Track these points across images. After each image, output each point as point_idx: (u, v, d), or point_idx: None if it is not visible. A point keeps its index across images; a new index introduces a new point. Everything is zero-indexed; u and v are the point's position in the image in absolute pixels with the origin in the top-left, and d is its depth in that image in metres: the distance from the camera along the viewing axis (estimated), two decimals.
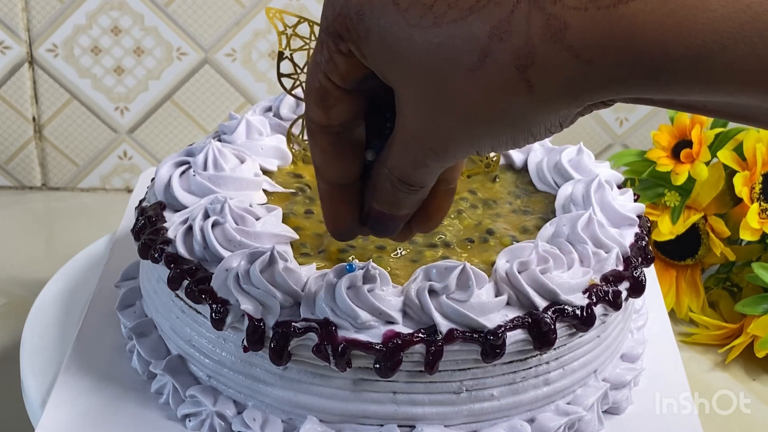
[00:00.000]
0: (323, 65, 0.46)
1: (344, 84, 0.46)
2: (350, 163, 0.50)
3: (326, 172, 0.50)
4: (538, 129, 0.42)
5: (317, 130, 0.48)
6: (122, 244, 0.78)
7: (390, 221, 0.50)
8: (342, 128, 0.48)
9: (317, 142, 0.49)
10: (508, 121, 0.42)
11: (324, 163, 0.50)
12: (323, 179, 0.51)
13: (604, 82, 0.39)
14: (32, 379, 0.66)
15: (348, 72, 0.46)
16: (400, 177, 0.47)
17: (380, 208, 0.50)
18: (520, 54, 0.39)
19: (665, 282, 0.87)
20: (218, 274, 0.59)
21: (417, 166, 0.46)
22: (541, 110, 0.41)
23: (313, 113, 0.48)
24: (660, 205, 0.88)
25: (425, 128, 0.44)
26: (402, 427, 0.59)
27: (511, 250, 0.61)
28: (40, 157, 1.09)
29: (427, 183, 0.48)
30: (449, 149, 0.44)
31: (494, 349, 0.57)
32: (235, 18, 1.04)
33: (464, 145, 0.44)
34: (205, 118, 1.08)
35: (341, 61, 0.45)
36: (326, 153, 0.49)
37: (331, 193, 0.51)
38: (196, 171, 0.67)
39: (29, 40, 1.03)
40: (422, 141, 0.44)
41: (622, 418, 0.65)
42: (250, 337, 0.57)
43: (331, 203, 0.52)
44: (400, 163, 0.47)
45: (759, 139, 0.84)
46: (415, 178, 0.47)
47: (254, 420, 0.60)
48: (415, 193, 0.48)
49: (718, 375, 0.81)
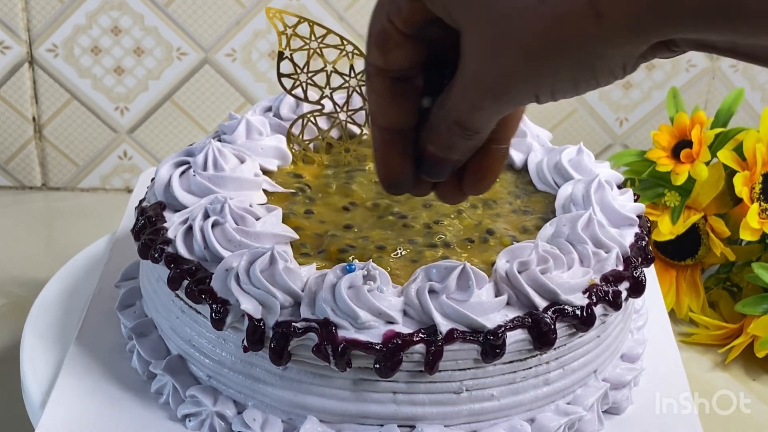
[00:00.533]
0: (387, 7, 0.47)
1: (406, 28, 0.47)
2: (405, 110, 0.50)
3: (380, 117, 0.51)
4: (602, 68, 0.42)
5: (374, 73, 0.49)
6: (122, 244, 0.78)
7: (443, 165, 0.51)
8: (399, 74, 0.49)
9: (373, 86, 0.50)
10: (572, 56, 0.42)
11: (378, 107, 0.50)
12: (376, 124, 0.51)
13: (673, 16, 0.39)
14: (32, 379, 0.66)
15: (411, 15, 0.46)
16: (456, 120, 0.47)
17: (434, 151, 0.50)
18: None
19: (665, 282, 0.87)
20: (218, 274, 0.59)
21: (474, 108, 0.46)
22: (607, 43, 0.41)
23: (372, 56, 0.48)
24: (660, 205, 0.88)
25: (487, 68, 0.44)
26: (402, 427, 0.59)
27: (511, 250, 0.61)
28: (40, 157, 1.09)
29: (482, 128, 0.48)
30: (509, 90, 0.44)
31: (494, 349, 0.57)
32: (235, 18, 1.04)
33: (525, 86, 0.44)
34: (205, 118, 1.08)
35: (405, 4, 0.46)
36: (381, 97, 0.50)
37: (383, 139, 0.51)
38: (196, 171, 0.67)
39: (29, 40, 1.03)
40: (482, 82, 0.44)
41: (622, 418, 0.65)
42: (250, 337, 0.57)
43: (383, 150, 0.52)
44: (457, 106, 0.47)
45: (759, 139, 0.84)
46: (472, 121, 0.47)
47: (254, 420, 0.60)
48: (470, 138, 0.48)
49: (718, 375, 0.81)
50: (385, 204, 0.69)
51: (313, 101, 0.74)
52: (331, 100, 0.74)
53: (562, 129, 1.09)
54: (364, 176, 0.72)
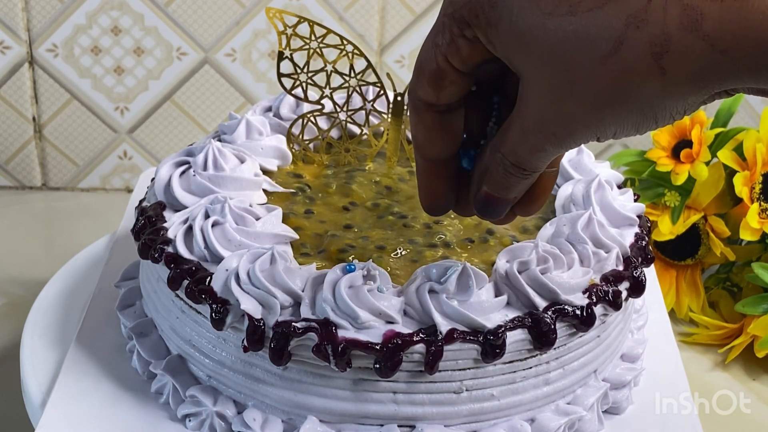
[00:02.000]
0: (444, 48, 0.48)
1: (463, 68, 0.48)
2: (451, 141, 0.52)
3: (427, 149, 0.52)
4: (664, 115, 0.44)
5: (424, 108, 0.50)
6: (122, 244, 0.78)
7: (499, 204, 0.52)
8: (448, 107, 0.50)
9: (422, 119, 0.51)
10: (636, 107, 0.44)
11: (426, 140, 0.52)
12: (423, 156, 0.53)
13: (736, 72, 0.41)
14: (32, 379, 0.66)
15: (470, 56, 0.48)
16: (514, 162, 0.49)
17: (490, 191, 0.51)
18: (656, 42, 0.41)
19: (665, 282, 0.87)
20: (218, 274, 0.59)
21: (534, 151, 0.48)
22: (671, 97, 0.43)
23: (423, 92, 0.50)
24: (660, 205, 0.88)
25: (550, 114, 0.45)
26: (402, 427, 0.59)
27: (511, 250, 0.61)
28: (40, 157, 1.09)
29: (540, 168, 0.49)
30: (573, 135, 0.46)
31: (494, 349, 0.57)
32: (235, 18, 1.04)
33: (589, 130, 0.45)
34: (205, 118, 1.08)
35: (464, 45, 0.47)
36: (430, 130, 0.51)
37: (429, 169, 0.53)
38: (196, 171, 0.67)
39: (29, 40, 1.03)
40: (545, 126, 0.46)
41: (622, 418, 0.65)
42: (250, 337, 0.57)
43: (428, 178, 0.54)
44: (516, 148, 0.48)
45: (759, 139, 0.84)
46: (530, 162, 0.49)
47: (254, 420, 0.60)
48: (527, 177, 0.50)
49: (718, 375, 0.81)
50: (385, 204, 0.69)
51: (313, 101, 0.74)
52: (331, 100, 0.74)
53: None
54: (364, 176, 0.72)
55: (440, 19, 0.48)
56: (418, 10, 1.04)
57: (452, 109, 0.51)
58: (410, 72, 1.11)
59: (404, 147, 0.74)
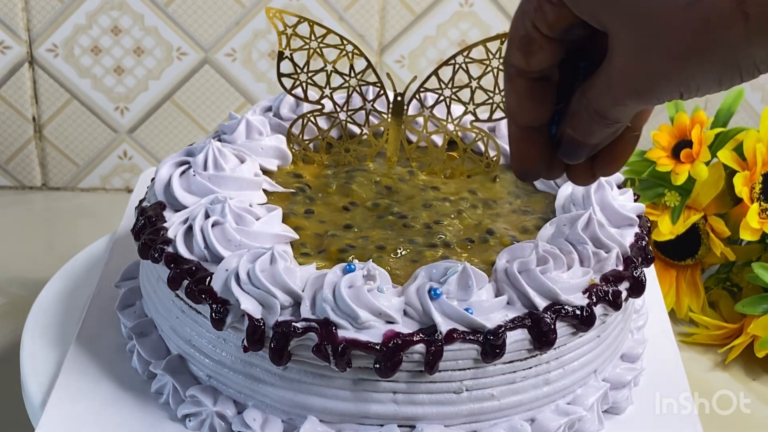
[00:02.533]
0: (531, 14, 0.49)
1: (550, 32, 0.49)
2: (543, 107, 0.53)
3: (520, 115, 0.53)
4: (747, 65, 0.44)
5: (516, 74, 0.51)
6: (122, 244, 0.78)
7: (580, 148, 0.53)
8: (540, 74, 0.51)
9: (514, 86, 0.52)
10: (719, 56, 0.44)
11: (518, 107, 0.53)
12: (515, 122, 0.54)
13: None
14: (32, 379, 0.66)
15: (556, 21, 0.48)
16: (597, 110, 0.50)
17: (573, 135, 0.52)
18: None
19: (665, 282, 0.87)
20: (218, 274, 0.59)
21: (617, 103, 0.49)
22: (754, 43, 0.43)
23: (514, 58, 0.51)
24: (660, 205, 0.88)
25: (634, 68, 0.46)
26: (402, 427, 0.59)
27: (511, 250, 0.61)
28: (40, 157, 1.09)
29: (622, 120, 0.51)
30: (655, 89, 0.46)
31: (494, 349, 0.57)
32: (235, 18, 1.04)
33: (672, 84, 0.46)
34: (205, 118, 1.08)
35: (550, 10, 0.48)
36: (522, 97, 0.52)
37: (521, 135, 0.54)
38: (196, 171, 0.67)
39: (29, 40, 1.03)
40: (628, 80, 0.47)
41: (622, 418, 0.65)
42: (250, 337, 0.57)
43: (521, 145, 0.54)
44: (600, 98, 0.49)
45: (759, 139, 0.84)
46: (613, 113, 0.50)
47: (254, 420, 0.60)
48: (609, 127, 0.51)
49: (718, 375, 0.81)
50: (385, 204, 0.69)
51: (313, 101, 0.74)
52: (331, 100, 0.74)
53: None
54: (364, 176, 0.72)
55: None
56: (418, 10, 1.04)
57: (544, 77, 0.51)
58: (410, 72, 1.11)
59: (404, 147, 0.74)
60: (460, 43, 1.05)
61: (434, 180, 0.73)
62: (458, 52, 0.71)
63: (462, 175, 0.73)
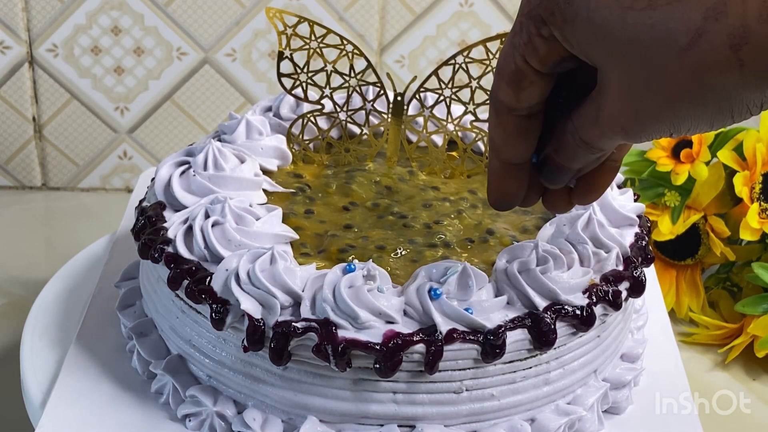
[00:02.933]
0: (521, 48, 0.48)
1: (542, 67, 0.49)
2: (528, 144, 0.53)
3: (504, 151, 0.53)
4: (740, 109, 0.44)
5: (504, 111, 0.51)
6: (122, 244, 0.78)
7: (563, 173, 0.53)
8: (528, 111, 0.51)
9: (501, 122, 0.52)
10: (713, 100, 0.44)
11: (504, 143, 0.53)
12: (498, 158, 0.54)
13: None
14: (32, 379, 0.66)
15: (547, 55, 0.48)
16: (583, 139, 0.50)
17: (557, 159, 0.52)
18: (735, 33, 0.41)
19: (665, 282, 0.87)
20: (218, 274, 0.59)
21: (603, 137, 0.49)
22: (749, 89, 0.43)
23: (503, 94, 0.50)
24: (660, 205, 0.88)
25: (624, 108, 0.46)
26: (402, 427, 0.59)
27: (511, 250, 0.61)
28: (40, 157, 1.09)
29: (607, 149, 0.51)
30: (644, 129, 0.46)
31: (494, 349, 0.57)
32: (235, 18, 1.04)
33: (663, 125, 0.46)
34: (205, 118, 1.08)
35: (541, 44, 0.48)
36: (509, 135, 0.52)
37: (503, 170, 0.54)
38: (196, 171, 0.67)
39: (29, 40, 1.03)
40: (617, 120, 0.47)
41: (622, 418, 0.65)
42: (250, 337, 0.57)
43: (501, 179, 0.54)
44: (587, 129, 0.49)
45: (759, 139, 0.84)
46: (598, 144, 0.50)
47: (254, 420, 0.60)
48: (593, 154, 0.51)
49: (718, 375, 0.81)
50: (385, 204, 0.69)
51: (313, 101, 0.74)
52: (331, 100, 0.74)
53: None
54: (364, 176, 0.72)
55: (518, 19, 0.48)
56: (418, 10, 1.04)
57: (531, 115, 0.51)
58: (410, 72, 1.11)
59: (404, 147, 0.74)
60: (460, 43, 1.05)
61: (434, 180, 0.73)
62: (458, 52, 0.71)
63: (462, 175, 0.73)
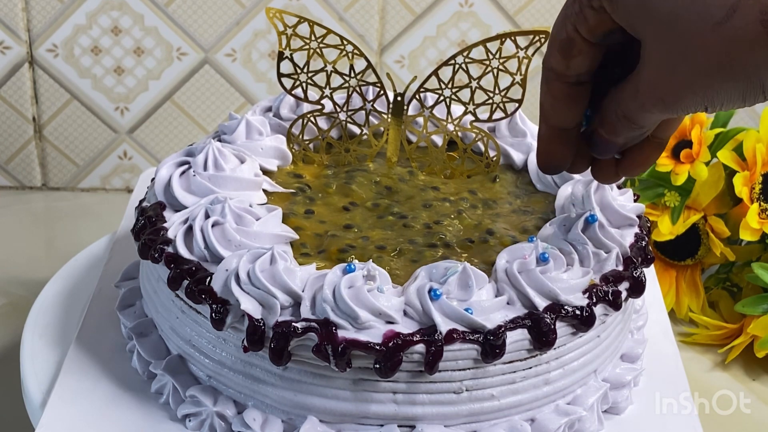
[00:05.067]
0: (573, 18, 0.52)
1: (591, 37, 0.52)
2: (576, 111, 0.56)
3: (553, 117, 0.56)
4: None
5: (554, 77, 0.55)
6: (122, 244, 0.78)
7: (608, 146, 0.56)
8: (576, 79, 0.54)
9: (551, 89, 0.55)
10: (743, 75, 0.46)
11: (552, 109, 0.56)
12: (547, 123, 0.57)
13: None
14: (32, 379, 0.66)
15: (596, 26, 0.51)
16: (625, 114, 0.53)
17: (602, 133, 0.56)
18: (766, 10, 0.44)
19: (665, 282, 0.87)
20: (218, 274, 0.59)
21: (642, 110, 0.52)
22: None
23: (554, 61, 0.54)
24: (660, 205, 0.88)
25: (662, 79, 0.49)
26: (402, 427, 0.59)
27: (511, 250, 0.61)
28: (40, 157, 1.09)
29: (646, 125, 0.54)
30: (680, 101, 0.49)
31: (494, 349, 0.57)
32: (235, 18, 1.04)
33: (697, 97, 0.48)
34: (205, 118, 1.08)
35: (591, 15, 0.51)
36: (557, 100, 0.56)
37: (550, 135, 0.57)
38: (196, 171, 0.67)
39: (29, 40, 1.03)
40: (655, 90, 0.50)
41: (622, 418, 0.65)
42: (250, 337, 0.57)
43: (549, 144, 0.58)
44: (628, 103, 0.52)
45: (759, 139, 0.84)
46: (638, 119, 0.53)
47: (254, 420, 0.60)
48: (634, 130, 0.54)
49: (718, 375, 0.81)
50: (385, 204, 0.69)
51: (313, 101, 0.74)
52: (331, 100, 0.74)
53: None
54: (364, 176, 0.72)
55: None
56: (418, 10, 1.04)
57: (580, 83, 0.54)
58: (410, 72, 1.11)
59: (404, 147, 0.74)
60: (460, 43, 1.05)
61: (434, 180, 0.73)
62: (458, 52, 0.71)
63: (462, 175, 0.73)
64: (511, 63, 0.70)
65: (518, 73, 0.70)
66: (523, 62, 0.69)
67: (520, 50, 0.69)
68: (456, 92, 0.72)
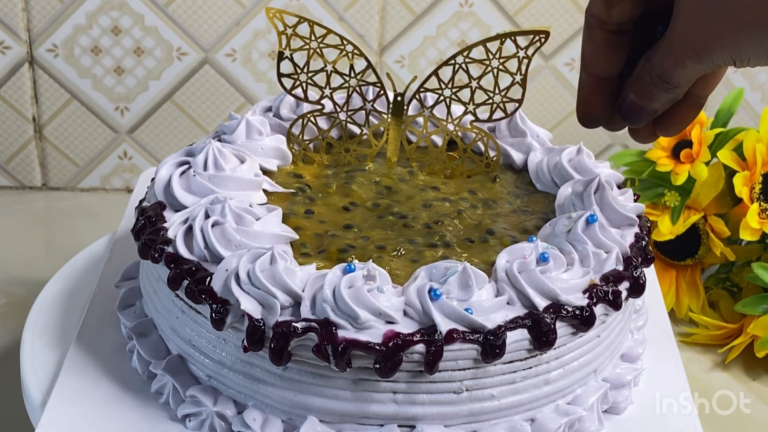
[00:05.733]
0: None
1: None
2: (615, 60, 0.57)
3: (593, 64, 0.58)
4: None
5: (596, 24, 0.56)
6: (122, 244, 0.78)
7: (641, 112, 0.57)
8: (618, 27, 0.56)
9: (592, 36, 0.57)
10: None
11: (593, 56, 0.58)
12: (587, 71, 0.58)
13: None
14: (32, 379, 0.66)
15: None
16: (660, 73, 0.54)
17: (636, 99, 0.57)
18: None
19: (665, 282, 0.87)
20: (218, 274, 0.59)
21: (677, 65, 0.53)
22: None
23: (596, 8, 0.56)
24: (660, 205, 0.88)
25: (695, 30, 0.51)
26: (402, 427, 0.59)
27: (511, 250, 0.61)
28: (40, 157, 1.09)
29: (681, 84, 0.55)
30: (711, 53, 0.51)
31: (494, 349, 0.57)
32: (235, 18, 1.04)
33: (726, 50, 0.50)
34: (205, 118, 1.08)
35: None
36: (597, 47, 0.57)
37: (591, 84, 0.59)
38: (196, 171, 0.67)
39: (29, 40, 1.03)
40: (688, 42, 0.51)
41: (622, 418, 0.65)
42: (250, 337, 0.57)
43: (589, 93, 0.59)
44: (662, 61, 0.54)
45: (759, 139, 0.84)
46: (673, 77, 0.54)
47: (254, 420, 0.60)
48: (669, 91, 0.55)
49: (718, 375, 0.81)
50: (385, 204, 0.69)
51: (313, 101, 0.74)
52: (331, 100, 0.74)
53: (562, 129, 1.09)
54: (364, 176, 0.72)
55: None
56: (418, 10, 1.04)
57: (621, 32, 0.56)
58: (410, 72, 1.11)
59: (404, 147, 0.74)
60: (460, 43, 1.05)
61: (434, 180, 0.73)
62: (458, 52, 0.71)
63: (462, 175, 0.73)
64: (511, 63, 0.70)
65: (518, 73, 0.70)
66: (523, 62, 0.69)
67: (520, 50, 0.69)
68: (456, 92, 0.72)
